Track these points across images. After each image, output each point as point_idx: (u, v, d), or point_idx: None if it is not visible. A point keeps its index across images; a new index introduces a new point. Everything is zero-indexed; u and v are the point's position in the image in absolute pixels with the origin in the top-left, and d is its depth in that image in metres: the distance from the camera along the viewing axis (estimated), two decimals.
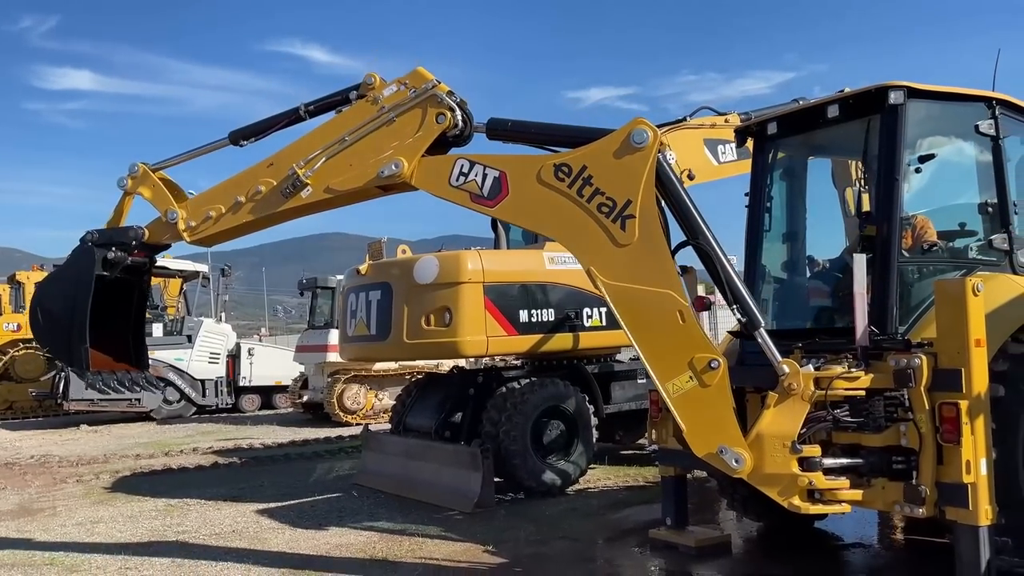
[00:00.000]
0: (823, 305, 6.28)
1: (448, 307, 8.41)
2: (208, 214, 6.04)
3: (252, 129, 6.21)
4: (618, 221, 4.96)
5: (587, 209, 5.03)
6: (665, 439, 6.33)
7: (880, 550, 6.41)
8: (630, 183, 4.94)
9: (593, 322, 9.13)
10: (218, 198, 6.04)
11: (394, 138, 5.56)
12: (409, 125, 5.55)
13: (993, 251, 5.71)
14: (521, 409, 8.49)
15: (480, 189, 5.32)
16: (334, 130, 5.75)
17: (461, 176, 5.39)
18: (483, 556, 6.41)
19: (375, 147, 5.59)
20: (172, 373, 19.33)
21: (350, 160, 5.65)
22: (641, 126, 4.98)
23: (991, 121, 5.71)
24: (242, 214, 5.94)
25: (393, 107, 5.58)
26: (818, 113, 5.94)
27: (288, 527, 7.69)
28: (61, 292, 6.36)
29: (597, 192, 5.01)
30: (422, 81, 5.55)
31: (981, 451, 4.60)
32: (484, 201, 5.34)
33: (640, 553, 6.35)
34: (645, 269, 4.93)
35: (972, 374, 4.63)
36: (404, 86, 5.60)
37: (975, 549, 4.58)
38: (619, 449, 11.25)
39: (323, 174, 5.68)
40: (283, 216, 6.00)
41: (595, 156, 5.07)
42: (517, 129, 5.55)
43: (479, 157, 5.40)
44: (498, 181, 5.28)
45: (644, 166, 4.93)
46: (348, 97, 5.81)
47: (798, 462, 4.80)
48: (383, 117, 5.59)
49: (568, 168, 5.09)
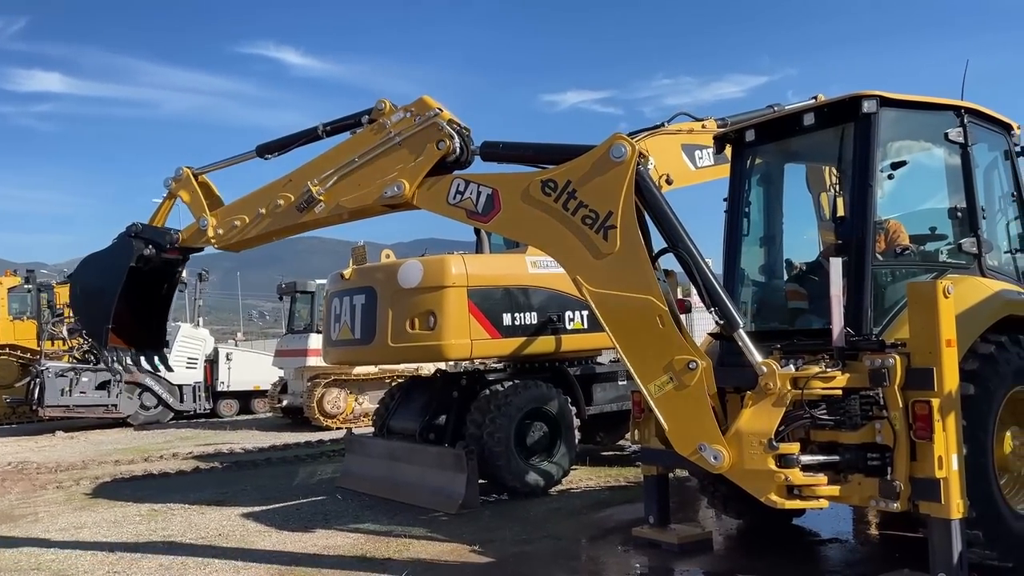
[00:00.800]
0: (800, 307, 6.45)
1: (432, 311, 8.51)
2: (234, 223, 6.60)
3: (276, 144, 6.76)
4: (601, 232, 5.21)
5: (572, 221, 5.30)
6: (647, 439, 6.48)
7: (856, 545, 6.59)
8: (611, 195, 5.21)
9: (575, 325, 9.27)
10: (243, 209, 6.59)
11: (398, 161, 5.94)
12: (413, 150, 5.93)
13: (963, 254, 5.91)
14: (505, 411, 8.60)
15: (475, 206, 5.67)
16: (347, 152, 6.18)
17: (458, 194, 5.75)
18: (470, 555, 6.52)
19: (382, 169, 5.99)
20: (149, 378, 19.19)
21: (359, 180, 6.08)
22: (619, 142, 5.25)
23: (960, 129, 5.92)
24: (262, 225, 6.48)
25: (399, 133, 5.97)
26: (794, 121, 6.12)
27: (274, 529, 7.74)
28: (96, 274, 7.06)
29: (581, 205, 5.28)
30: (426, 109, 5.92)
31: (953, 447, 4.78)
32: (479, 217, 5.71)
33: (623, 551, 6.48)
34: (626, 277, 5.17)
35: (943, 373, 4.81)
36: (410, 113, 5.98)
37: (948, 542, 4.75)
38: (600, 450, 11.41)
39: (335, 192, 6.13)
40: (298, 228, 6.52)
41: (578, 171, 5.36)
42: (508, 150, 5.94)
43: (473, 176, 5.77)
44: (491, 198, 5.61)
45: (623, 179, 5.19)
46: (360, 121, 6.24)
47: (775, 459, 4.95)
48: (390, 142, 5.99)
49: (554, 183, 5.39)
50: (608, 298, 5.24)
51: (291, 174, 6.40)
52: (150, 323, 7.28)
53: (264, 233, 6.53)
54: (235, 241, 6.67)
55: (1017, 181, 6.44)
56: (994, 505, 5.13)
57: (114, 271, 6.83)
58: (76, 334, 19.73)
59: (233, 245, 6.75)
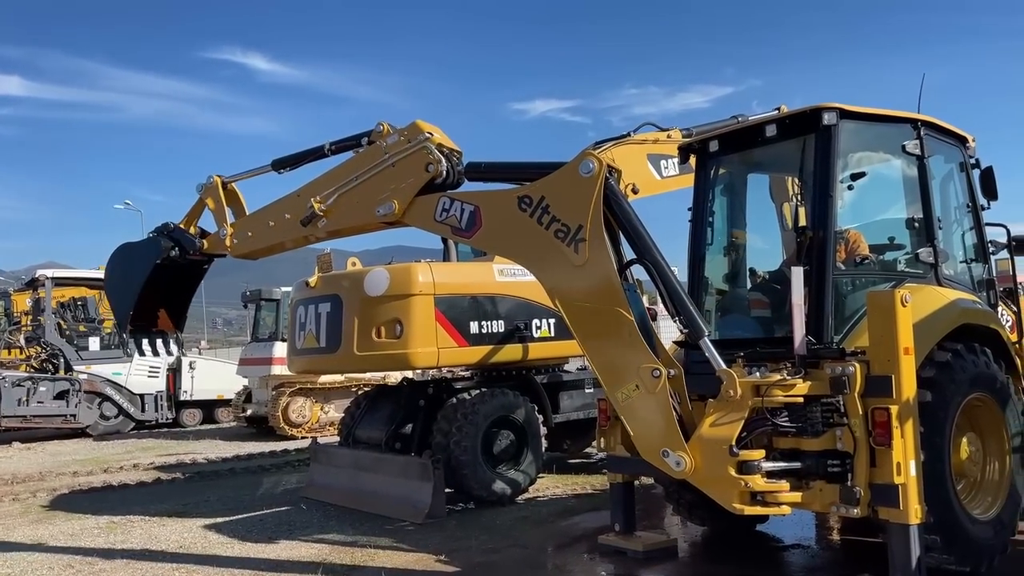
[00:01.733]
0: (764, 316, 6.54)
1: (399, 319, 8.48)
2: (247, 234, 7.21)
3: (289, 160, 7.29)
4: (572, 244, 5.41)
5: (546, 235, 5.54)
6: (613, 446, 6.52)
7: (818, 550, 6.68)
8: (581, 209, 5.42)
9: (542, 333, 9.29)
10: (255, 221, 7.18)
11: (392, 182, 6.31)
12: (405, 171, 6.29)
13: (920, 264, 6.04)
14: (472, 419, 8.59)
15: (459, 223, 6.00)
16: (347, 171, 6.59)
17: (443, 212, 6.09)
18: (436, 565, 6.49)
19: (377, 188, 6.39)
20: (109, 388, 18.87)
21: (357, 198, 6.48)
22: (588, 158, 5.48)
23: (916, 141, 6.06)
24: (271, 237, 7.02)
25: (393, 155, 6.34)
26: (757, 132, 6.22)
27: (237, 541, 7.64)
28: (125, 264, 7.71)
29: (554, 219, 5.52)
30: (418, 133, 6.28)
31: (911, 453, 4.88)
32: (463, 233, 6.05)
33: (590, 559, 6.49)
34: (595, 288, 5.35)
35: (901, 380, 4.90)
36: (403, 137, 6.35)
37: (906, 546, 4.84)
38: (567, 458, 11.44)
39: (335, 208, 6.56)
40: (303, 241, 6.98)
41: (550, 187, 5.62)
42: (489, 169, 6.38)
43: (457, 194, 6.11)
44: (473, 215, 5.94)
45: (592, 193, 5.40)
46: (361, 141, 6.70)
47: (736, 465, 5.01)
48: (385, 163, 6.36)
49: (529, 199, 5.65)
50: (578, 308, 5.45)
51: (299, 189, 6.85)
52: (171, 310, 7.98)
53: (271, 244, 7.06)
54: (247, 250, 7.22)
55: (972, 192, 6.59)
56: (951, 510, 5.23)
57: (141, 265, 7.48)
58: (34, 343, 19.35)
59: (246, 254, 7.28)
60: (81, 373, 18.67)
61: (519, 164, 6.32)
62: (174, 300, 7.99)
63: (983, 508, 5.65)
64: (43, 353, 19.20)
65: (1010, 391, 5.84)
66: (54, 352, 19.02)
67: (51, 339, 19.04)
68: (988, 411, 5.76)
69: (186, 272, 7.82)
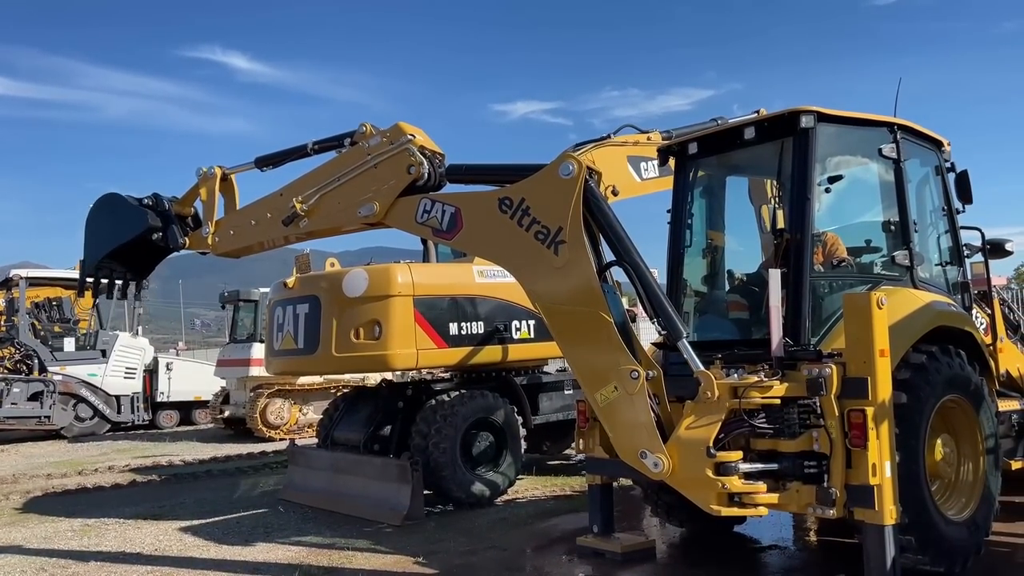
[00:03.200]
0: (741, 318, 6.57)
1: (378, 320, 8.43)
2: (229, 232, 7.18)
3: (272, 158, 7.26)
4: (552, 247, 5.44)
5: (526, 237, 5.55)
6: (592, 448, 6.51)
7: (795, 551, 6.71)
8: (560, 212, 5.44)
9: (522, 334, 9.28)
10: (238, 219, 7.17)
11: (374, 183, 6.33)
12: (387, 173, 6.31)
13: (896, 267, 6.09)
14: (451, 421, 8.56)
15: (440, 224, 6.03)
16: (329, 171, 6.58)
17: (424, 213, 6.12)
18: (414, 567, 6.46)
19: (359, 189, 6.38)
20: (85, 389, 18.66)
21: (339, 199, 6.47)
22: (568, 160, 5.50)
23: (893, 145, 6.11)
24: (253, 235, 7.00)
25: (375, 156, 6.36)
26: (735, 134, 6.24)
27: (213, 544, 7.56)
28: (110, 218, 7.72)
29: (534, 221, 5.54)
30: (400, 135, 6.32)
31: (886, 455, 4.91)
32: (444, 234, 6.09)
33: (568, 560, 6.49)
34: (574, 290, 5.36)
35: (877, 382, 4.94)
36: (386, 138, 6.40)
37: (881, 547, 4.88)
38: (546, 459, 11.44)
39: (317, 209, 6.55)
40: (284, 241, 6.98)
41: (531, 189, 5.64)
42: (470, 172, 6.43)
43: (438, 196, 6.13)
44: (454, 216, 5.97)
45: (571, 195, 5.42)
46: (344, 142, 6.68)
47: (714, 467, 5.02)
48: (367, 164, 6.38)
49: (510, 201, 5.67)
50: (558, 311, 5.48)
51: (282, 189, 6.83)
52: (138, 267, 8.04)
53: (253, 243, 7.04)
54: (229, 249, 7.20)
55: (947, 196, 6.66)
56: (926, 511, 5.27)
57: (124, 228, 7.52)
58: (7, 344, 19.09)
59: (228, 252, 7.29)
60: (56, 374, 18.45)
61: (500, 166, 6.36)
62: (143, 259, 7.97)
63: (957, 509, 5.70)
64: (17, 354, 18.93)
65: (984, 393, 5.90)
66: (28, 353, 18.77)
67: (25, 340, 18.80)
68: (962, 413, 5.82)
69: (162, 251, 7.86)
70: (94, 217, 7.86)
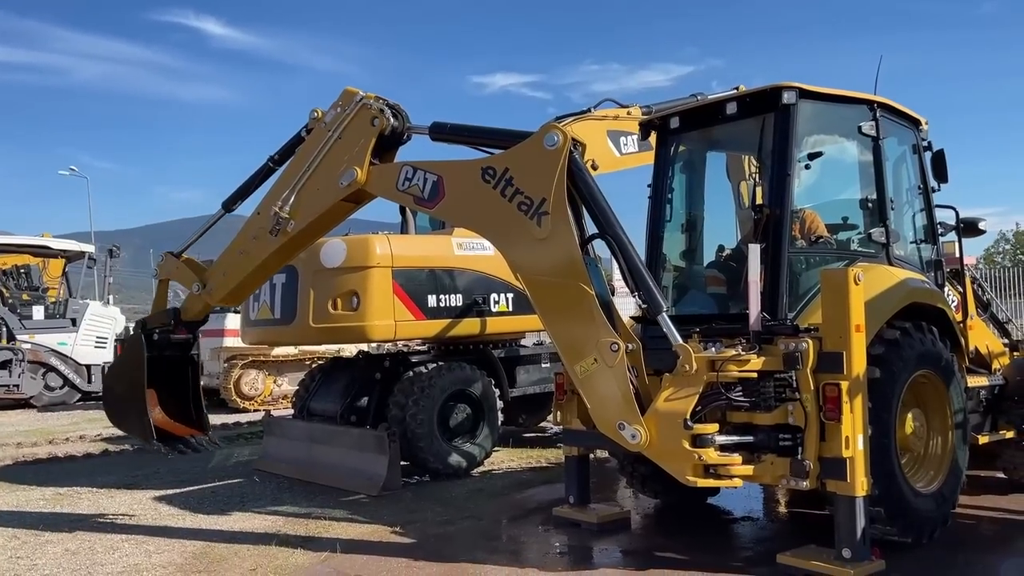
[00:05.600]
0: (720, 292, 6.62)
1: (355, 291, 8.39)
2: (222, 275, 6.95)
3: (237, 194, 7.14)
4: (535, 218, 5.39)
5: (509, 208, 5.50)
6: (569, 420, 6.57)
7: (766, 522, 6.84)
8: (544, 182, 5.39)
9: (500, 307, 9.29)
10: (226, 258, 6.95)
11: (345, 151, 6.26)
12: (353, 136, 6.26)
13: (872, 244, 6.16)
14: (428, 393, 8.57)
15: (422, 192, 5.96)
16: (297, 166, 6.52)
17: (406, 181, 6.03)
18: (391, 537, 6.49)
19: (333, 164, 6.30)
20: (54, 358, 18.42)
21: (316, 184, 6.39)
22: (553, 130, 5.44)
23: (872, 122, 6.15)
24: (248, 263, 6.78)
25: (336, 128, 6.33)
26: (717, 109, 6.26)
27: (188, 512, 7.55)
28: (122, 374, 7.34)
29: (517, 192, 5.48)
30: (352, 97, 6.32)
31: (859, 428, 5.00)
32: (425, 203, 6.01)
33: (544, 531, 6.56)
34: (557, 262, 5.34)
35: (852, 357, 5.02)
36: (339, 108, 6.35)
37: (852, 518, 4.98)
38: (522, 431, 11.52)
39: (298, 205, 6.44)
40: (281, 254, 6.75)
41: (515, 159, 5.58)
42: (454, 132, 6.27)
43: (420, 164, 6.02)
44: (436, 185, 5.89)
45: (556, 166, 5.37)
46: (302, 136, 6.59)
47: (691, 439, 5.08)
48: (331, 139, 6.34)
49: (493, 171, 5.61)
50: (540, 282, 5.46)
51: (258, 207, 6.73)
52: (188, 407, 7.44)
53: (251, 271, 6.80)
54: (228, 290, 6.95)
55: (923, 175, 6.73)
56: (896, 483, 5.39)
57: (135, 365, 7.09)
58: None
59: (230, 295, 7.05)
60: (24, 343, 18.18)
61: (484, 129, 6.21)
62: (184, 400, 7.43)
63: (926, 482, 5.83)
64: None
65: (954, 369, 6.02)
66: None
67: None
68: (933, 388, 5.94)
69: (179, 364, 7.36)
70: (109, 389, 7.57)
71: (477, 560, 5.81)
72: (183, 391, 7.41)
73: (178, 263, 7.38)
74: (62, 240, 20.80)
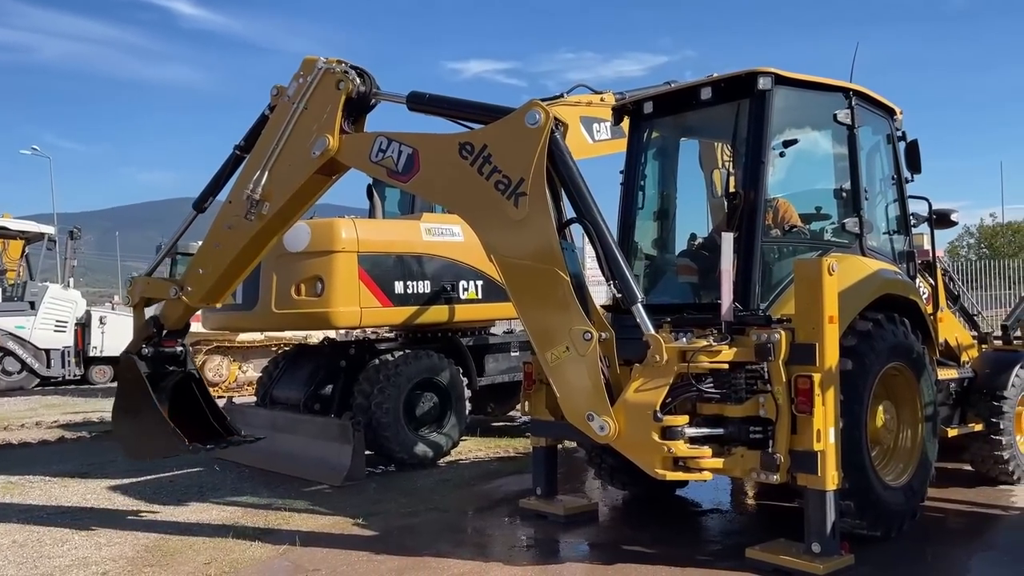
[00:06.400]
0: (691, 281, 6.52)
1: (320, 276, 8.17)
2: (198, 272, 6.49)
3: (206, 191, 6.70)
4: (512, 198, 5.20)
5: (486, 186, 5.29)
6: (538, 410, 6.44)
7: (735, 515, 6.76)
8: (523, 162, 5.19)
9: (469, 295, 9.12)
10: (203, 255, 6.53)
11: (313, 121, 5.98)
12: (320, 103, 5.98)
13: (846, 234, 6.08)
14: (394, 381, 8.39)
15: (396, 165, 5.71)
16: (266, 145, 6.19)
17: (380, 152, 5.76)
18: (353, 529, 6.33)
19: (303, 136, 6.01)
20: (12, 342, 17.95)
21: (287, 159, 6.08)
22: (535, 108, 5.23)
23: (848, 111, 6.06)
24: (226, 255, 6.34)
25: (300, 99, 6.05)
26: (692, 94, 6.13)
27: (144, 503, 7.32)
28: (127, 405, 6.70)
29: (495, 170, 5.27)
30: (313, 65, 6.06)
31: (831, 421, 4.92)
32: (399, 176, 5.75)
33: (510, 523, 6.43)
34: (532, 245, 5.16)
35: (825, 348, 4.92)
36: (301, 78, 6.09)
37: (823, 512, 4.90)
38: (490, 421, 11.39)
39: (271, 185, 6.09)
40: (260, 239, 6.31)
41: (494, 136, 5.36)
42: (433, 102, 5.95)
43: (396, 135, 5.76)
44: (411, 158, 5.65)
45: (536, 146, 5.17)
46: (266, 115, 6.29)
47: (660, 431, 4.96)
48: (297, 111, 6.05)
49: (471, 147, 5.38)
50: (514, 265, 5.28)
51: (228, 195, 6.41)
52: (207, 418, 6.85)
53: (230, 263, 6.35)
54: (208, 288, 6.46)
55: (897, 165, 6.66)
56: (866, 477, 5.32)
57: (137, 389, 6.52)
58: None
59: (209, 294, 6.52)
60: None
61: (464, 101, 5.93)
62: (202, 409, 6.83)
63: (895, 475, 5.77)
64: None
65: (926, 361, 5.97)
66: None
67: None
68: (904, 380, 5.87)
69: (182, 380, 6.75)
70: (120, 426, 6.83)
71: (441, 553, 5.67)
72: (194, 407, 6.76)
73: (148, 280, 6.99)
74: (21, 221, 20.24)
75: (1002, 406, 6.79)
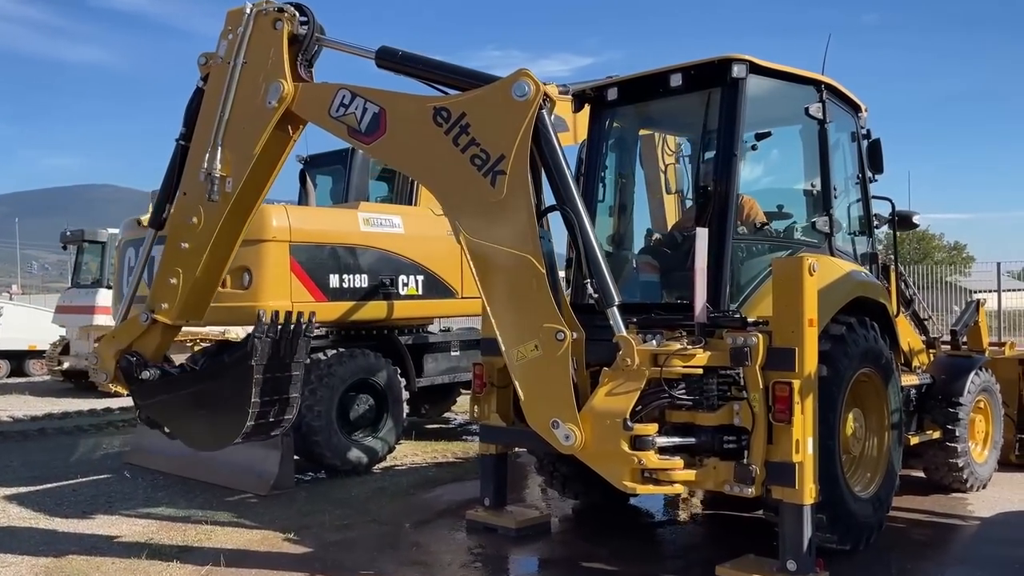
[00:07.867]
0: (653, 280, 6.17)
1: (247, 267, 7.51)
2: (170, 282, 5.64)
3: (161, 200, 5.84)
4: (489, 176, 4.71)
5: (461, 159, 4.79)
6: (488, 415, 6.02)
7: (694, 526, 6.45)
8: (505, 137, 4.71)
9: (409, 290, 8.58)
10: (168, 263, 5.68)
11: (258, 75, 5.38)
12: (260, 52, 5.39)
13: (815, 233, 5.84)
14: (327, 382, 7.81)
15: (358, 124, 5.14)
16: (210, 114, 5.51)
17: (341, 107, 5.19)
18: (283, 545, 5.76)
19: (252, 91, 5.39)
20: None
21: (239, 124, 5.43)
22: (524, 79, 4.73)
23: (820, 104, 5.81)
24: (198, 253, 5.55)
25: (236, 54, 5.44)
26: (660, 82, 5.76)
27: (44, 516, 6.59)
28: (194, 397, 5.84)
29: (472, 143, 4.77)
30: (240, 16, 5.47)
31: (809, 430, 4.64)
32: (360, 137, 5.17)
33: (456, 537, 5.97)
34: (507, 229, 4.70)
35: (805, 353, 4.63)
36: (231, 32, 5.50)
37: (799, 527, 4.62)
38: (425, 423, 10.89)
39: (227, 157, 5.42)
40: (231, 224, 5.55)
41: (475, 105, 4.84)
42: (406, 60, 5.28)
43: (362, 90, 5.15)
44: (377, 118, 5.09)
45: (522, 121, 4.69)
46: (200, 88, 5.65)
47: (630, 440, 4.58)
48: (237, 67, 5.44)
49: (447, 113, 4.85)
50: (485, 250, 4.78)
51: (182, 186, 5.65)
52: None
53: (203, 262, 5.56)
54: (184, 299, 5.63)
55: (862, 163, 6.47)
56: (839, 488, 5.07)
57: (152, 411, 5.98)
58: None
59: (186, 308, 5.69)
60: None
61: (442, 63, 5.29)
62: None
63: (863, 485, 5.55)
64: None
65: (893, 367, 5.78)
66: None
67: None
68: (872, 386, 5.66)
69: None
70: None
71: (382, 573, 5.20)
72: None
73: (113, 333, 6.11)
74: None
75: (958, 412, 6.69)
